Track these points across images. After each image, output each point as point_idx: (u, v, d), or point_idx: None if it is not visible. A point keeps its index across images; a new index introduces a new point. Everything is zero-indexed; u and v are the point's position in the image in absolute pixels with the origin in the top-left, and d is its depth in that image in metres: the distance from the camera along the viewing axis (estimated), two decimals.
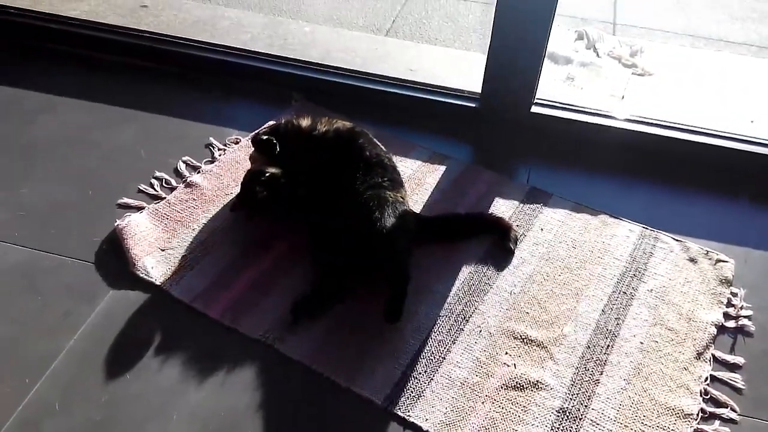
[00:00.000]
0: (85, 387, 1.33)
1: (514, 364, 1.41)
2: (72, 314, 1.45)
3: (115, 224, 1.63)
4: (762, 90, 2.45)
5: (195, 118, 2.03)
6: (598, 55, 2.55)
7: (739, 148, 1.95)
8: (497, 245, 1.68)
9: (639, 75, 2.46)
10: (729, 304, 1.57)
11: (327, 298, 1.50)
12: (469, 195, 1.82)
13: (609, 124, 2.00)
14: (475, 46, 2.65)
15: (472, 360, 1.41)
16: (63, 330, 1.42)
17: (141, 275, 1.53)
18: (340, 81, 2.14)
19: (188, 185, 1.78)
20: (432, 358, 1.41)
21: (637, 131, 1.99)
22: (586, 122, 2.01)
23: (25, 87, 2.10)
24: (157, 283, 1.52)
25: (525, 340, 1.46)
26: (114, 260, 1.57)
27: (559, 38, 2.62)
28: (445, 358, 1.41)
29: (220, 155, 1.89)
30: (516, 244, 1.68)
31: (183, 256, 1.59)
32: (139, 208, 1.70)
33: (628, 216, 1.78)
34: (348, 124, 1.73)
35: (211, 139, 1.94)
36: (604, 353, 1.44)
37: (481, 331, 1.47)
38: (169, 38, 2.27)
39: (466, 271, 1.61)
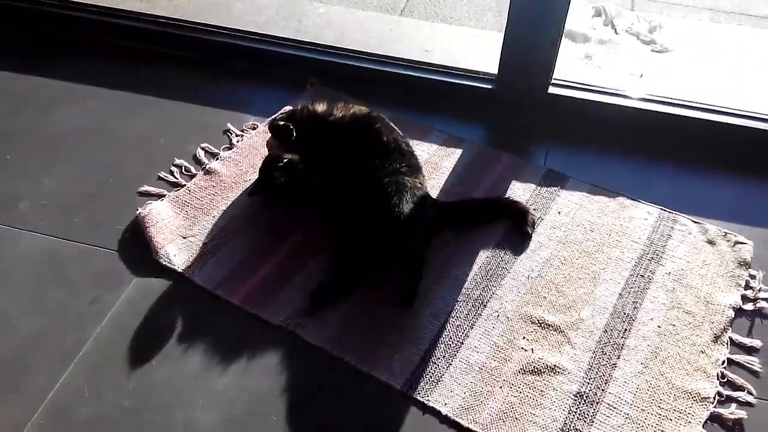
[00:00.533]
0: (112, 374, 1.36)
1: (532, 349, 1.42)
2: (98, 302, 1.49)
3: (137, 212, 1.66)
4: None
5: (212, 103, 2.04)
6: (616, 31, 2.52)
7: (758, 127, 1.93)
8: (514, 229, 1.68)
9: (658, 52, 2.43)
10: (747, 287, 1.57)
11: (345, 286, 1.53)
12: (485, 179, 1.82)
13: (627, 104, 1.99)
14: (491, 24, 2.63)
15: (489, 345, 1.43)
16: (90, 318, 1.45)
17: (164, 263, 1.56)
18: (355, 64, 2.14)
19: (207, 172, 1.80)
20: (450, 343, 1.43)
21: (655, 111, 1.97)
22: (604, 102, 1.99)
23: (42, 75, 2.12)
24: (180, 270, 1.55)
25: (542, 325, 1.47)
26: (137, 248, 1.60)
27: (577, 15, 2.58)
28: (463, 343, 1.43)
29: (238, 141, 1.91)
30: (533, 227, 1.69)
31: (204, 243, 1.62)
32: (160, 196, 1.73)
33: (647, 198, 1.78)
34: (364, 109, 1.73)
35: (228, 125, 1.95)
36: (622, 337, 1.46)
37: (498, 316, 1.49)
38: (184, 23, 2.27)
39: (483, 256, 1.62)
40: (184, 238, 1.62)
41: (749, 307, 1.53)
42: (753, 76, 2.30)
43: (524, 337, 1.45)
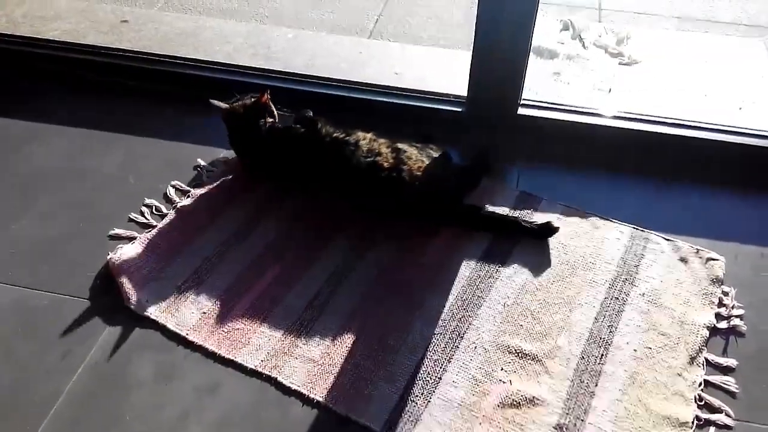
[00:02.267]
0: (87, 431, 1.34)
1: (510, 381, 1.42)
2: (70, 354, 1.46)
3: (108, 257, 1.64)
4: (749, 73, 2.44)
5: (182, 138, 2.03)
6: (584, 45, 2.54)
7: (726, 140, 1.94)
8: (489, 253, 1.68)
9: (626, 64, 2.45)
10: (720, 304, 1.58)
11: None
12: None
13: (596, 122, 2.00)
14: (460, 42, 2.63)
15: (468, 379, 1.43)
16: (62, 371, 1.43)
17: (136, 310, 1.54)
18: (324, 92, 2.13)
19: (178, 211, 1.78)
20: (428, 379, 1.43)
21: (624, 128, 1.98)
22: (574, 121, 2.00)
23: (8, 115, 2.09)
24: (152, 316, 1.53)
25: (520, 354, 1.47)
26: (109, 295, 1.58)
27: (544, 29, 2.60)
28: (441, 379, 1.43)
29: (208, 177, 1.89)
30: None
31: (177, 286, 1.60)
32: (131, 239, 1.71)
33: (619, 216, 1.79)
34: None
35: (199, 160, 1.94)
36: (599, 363, 1.46)
37: (476, 348, 1.49)
38: (150, 56, 2.26)
39: (459, 284, 1.62)
40: (156, 281, 1.60)
41: (723, 325, 1.54)
42: (720, 85, 2.33)
43: (502, 368, 1.45)
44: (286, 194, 1.83)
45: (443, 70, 2.31)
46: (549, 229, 1.72)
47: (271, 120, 1.82)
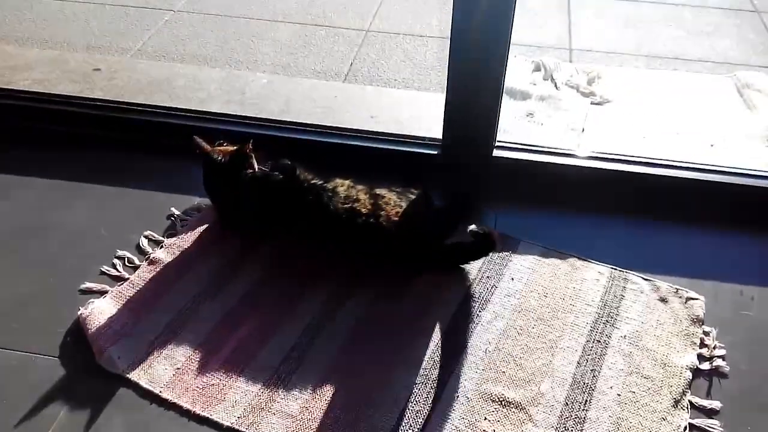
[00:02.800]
0: None
1: (494, 430, 1.39)
2: (39, 415, 1.41)
3: (78, 313, 1.59)
4: (719, 110, 2.48)
5: (155, 187, 2.00)
6: (556, 86, 2.57)
7: (700, 177, 1.96)
8: (468, 298, 1.67)
9: (597, 104, 2.48)
10: (702, 345, 1.57)
11: None
12: None
13: (571, 163, 2.01)
14: (434, 84, 2.66)
15: (451, 430, 1.39)
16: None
17: (107, 367, 1.49)
18: (299, 137, 2.13)
19: (151, 262, 1.75)
20: (411, 431, 1.39)
21: (599, 168, 1.99)
22: (549, 162, 2.01)
23: None
24: (125, 374, 1.48)
25: (503, 403, 1.44)
26: (80, 352, 1.52)
27: (516, 70, 2.63)
28: (423, 430, 1.39)
29: (182, 226, 1.87)
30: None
31: (150, 341, 1.55)
32: (102, 293, 1.66)
33: (597, 256, 1.78)
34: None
35: (172, 209, 1.91)
36: (583, 409, 1.43)
37: (458, 397, 1.46)
38: (123, 104, 2.24)
39: (439, 332, 1.59)
40: (129, 337, 1.56)
41: (706, 366, 1.53)
42: (691, 123, 2.36)
43: (486, 418, 1.42)
44: (261, 243, 1.80)
45: (418, 112, 2.32)
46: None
47: (251, 171, 1.79)
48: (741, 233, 1.89)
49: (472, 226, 1.71)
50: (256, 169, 1.78)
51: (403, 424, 1.40)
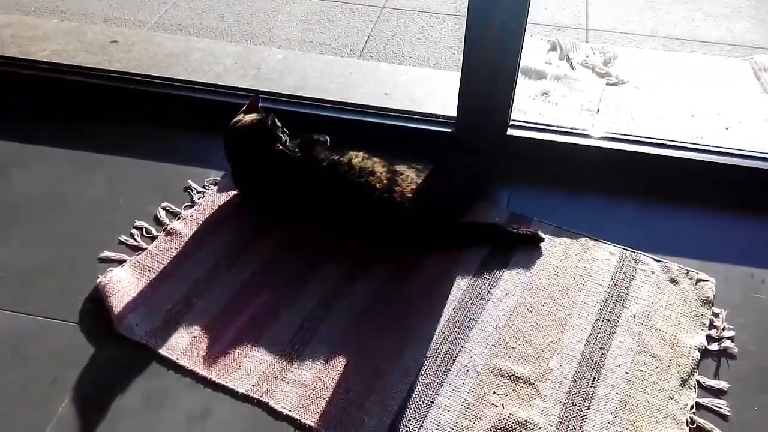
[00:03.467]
0: None
1: (503, 404, 1.42)
2: (59, 380, 1.45)
3: (98, 281, 1.62)
4: (735, 93, 2.46)
5: (172, 159, 2.03)
6: (572, 66, 2.56)
7: (714, 160, 1.96)
8: (479, 275, 1.69)
9: (613, 84, 2.47)
10: (711, 326, 1.59)
11: None
12: None
13: (585, 143, 2.01)
14: (449, 62, 2.65)
15: (460, 402, 1.42)
16: (51, 397, 1.41)
17: (126, 334, 1.53)
18: (314, 112, 2.14)
19: (169, 233, 1.78)
20: (421, 403, 1.42)
21: (613, 149, 2.00)
22: (562, 142, 2.01)
23: None
24: (142, 341, 1.51)
25: (512, 378, 1.47)
26: (98, 319, 1.56)
27: (532, 49, 2.62)
28: (433, 402, 1.42)
29: (199, 198, 1.89)
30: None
31: (167, 309, 1.59)
32: (121, 262, 1.70)
33: (609, 237, 1.79)
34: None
35: (189, 181, 1.93)
36: (591, 386, 1.46)
37: (468, 371, 1.48)
38: (140, 77, 2.26)
39: (450, 307, 1.62)
40: (147, 305, 1.59)
41: (714, 347, 1.54)
42: (706, 105, 2.35)
43: (494, 392, 1.44)
44: (277, 218, 1.83)
45: (433, 91, 2.33)
46: (536, 238, 1.76)
47: (279, 146, 1.76)
48: (754, 216, 1.89)
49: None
50: (285, 144, 1.77)
51: (413, 396, 1.43)
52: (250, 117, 1.80)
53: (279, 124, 1.79)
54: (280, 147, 1.75)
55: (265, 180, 1.78)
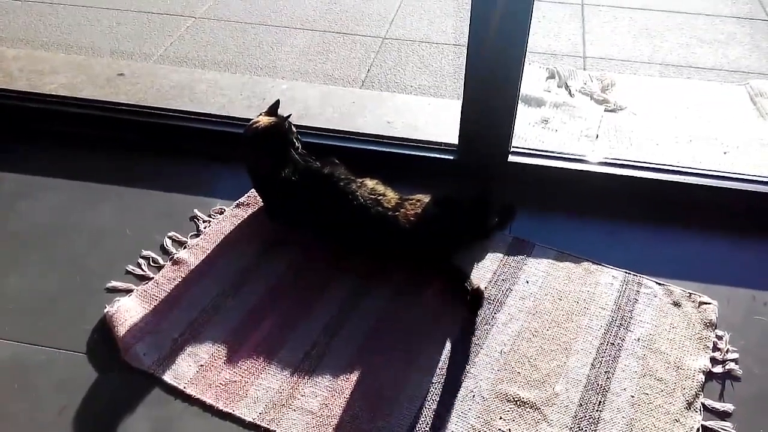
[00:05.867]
0: None
1: (509, 429, 1.42)
2: (67, 409, 1.45)
3: (105, 310, 1.64)
4: (732, 118, 2.50)
5: (178, 189, 2.05)
6: (570, 93, 2.60)
7: (713, 184, 1.99)
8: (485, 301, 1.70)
9: (611, 111, 2.51)
10: (715, 348, 1.60)
11: None
12: None
13: (585, 169, 2.04)
14: (449, 91, 2.69)
15: (467, 428, 1.43)
16: (59, 427, 1.42)
17: (133, 363, 1.54)
18: (317, 141, 2.16)
19: (175, 262, 1.79)
20: (427, 429, 1.42)
21: (613, 174, 2.03)
22: (563, 168, 2.04)
23: (4, 170, 2.11)
24: (149, 370, 1.52)
25: (518, 403, 1.47)
26: (106, 349, 1.58)
27: (531, 77, 2.67)
28: (440, 429, 1.42)
29: (205, 227, 1.91)
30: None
31: (173, 338, 1.60)
32: (128, 291, 1.71)
33: (611, 261, 1.81)
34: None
35: (195, 210, 1.96)
36: (597, 410, 1.46)
37: (474, 396, 1.49)
38: (147, 109, 2.29)
39: (454, 333, 1.63)
40: (153, 334, 1.60)
41: (719, 369, 1.55)
42: (704, 130, 2.38)
43: (501, 417, 1.45)
44: (282, 243, 1.85)
45: (434, 119, 2.37)
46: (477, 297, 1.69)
47: (299, 146, 1.88)
48: (754, 239, 1.91)
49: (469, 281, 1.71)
50: (298, 150, 1.87)
51: (420, 422, 1.43)
52: (268, 119, 1.87)
53: (294, 130, 1.88)
54: (301, 151, 1.86)
55: (278, 183, 1.82)
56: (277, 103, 1.93)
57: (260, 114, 1.91)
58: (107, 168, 2.13)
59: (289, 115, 1.89)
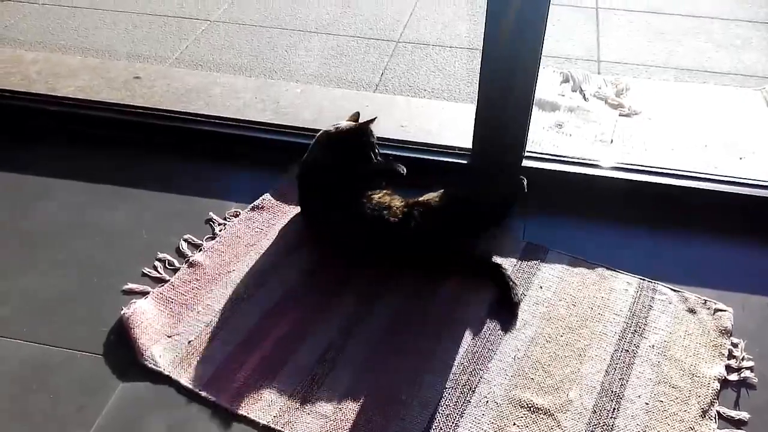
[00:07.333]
0: None
1: None
2: (84, 410, 1.47)
3: (121, 312, 1.65)
4: (748, 123, 2.48)
5: (193, 192, 2.07)
6: (584, 97, 2.60)
7: (729, 190, 1.98)
8: (497, 307, 1.70)
9: (626, 115, 2.50)
10: (730, 356, 1.59)
11: None
12: None
13: (599, 174, 2.04)
14: (463, 94, 2.69)
15: None
16: (76, 427, 1.43)
17: (149, 365, 1.55)
18: None
19: (191, 265, 1.81)
20: None
21: (628, 179, 2.02)
22: (577, 173, 2.04)
23: (23, 171, 2.14)
24: (165, 372, 1.54)
25: (532, 409, 1.47)
26: (122, 351, 1.59)
27: (545, 81, 2.66)
28: None
29: (220, 230, 1.92)
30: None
31: (189, 341, 1.61)
32: (144, 293, 1.73)
33: (625, 267, 1.81)
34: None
35: (210, 213, 1.97)
36: (611, 417, 1.46)
37: (488, 402, 1.49)
38: (163, 112, 2.32)
39: (468, 338, 1.63)
40: (170, 337, 1.62)
41: (734, 377, 1.54)
42: (720, 136, 2.37)
43: (515, 423, 1.45)
44: (297, 247, 1.86)
45: (448, 123, 2.37)
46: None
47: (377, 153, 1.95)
48: None
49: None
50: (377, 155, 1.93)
51: (434, 427, 1.44)
52: (349, 123, 1.94)
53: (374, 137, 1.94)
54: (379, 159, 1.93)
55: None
56: (358, 114, 2.00)
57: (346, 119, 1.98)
58: (124, 170, 2.15)
59: (374, 119, 1.92)
